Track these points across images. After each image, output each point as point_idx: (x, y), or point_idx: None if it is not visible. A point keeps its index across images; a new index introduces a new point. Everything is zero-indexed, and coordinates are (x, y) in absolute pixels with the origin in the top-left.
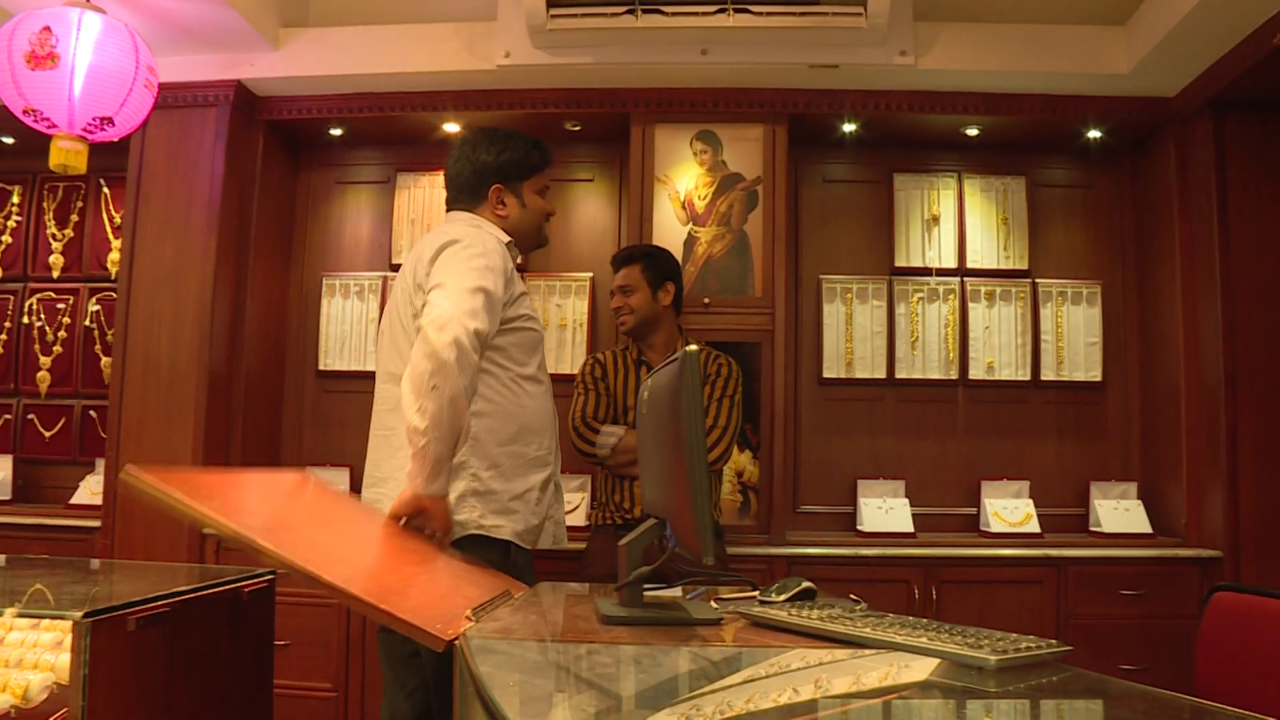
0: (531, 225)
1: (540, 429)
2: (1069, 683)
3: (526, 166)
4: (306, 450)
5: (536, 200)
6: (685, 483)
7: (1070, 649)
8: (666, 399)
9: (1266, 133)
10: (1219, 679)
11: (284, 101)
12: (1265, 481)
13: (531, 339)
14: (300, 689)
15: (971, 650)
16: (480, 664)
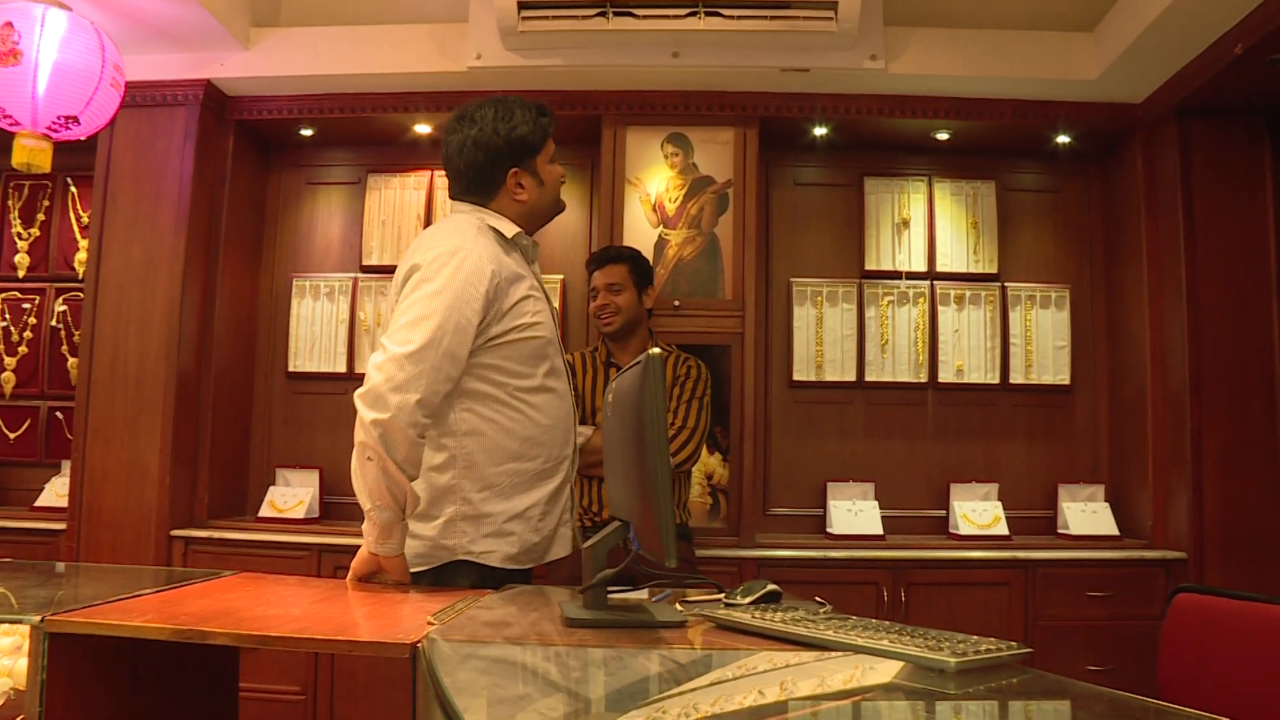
0: (550, 200)
1: (546, 440)
2: (1029, 684)
3: (541, 137)
4: (276, 452)
5: (552, 171)
6: (648, 486)
7: (1030, 651)
8: (630, 402)
9: (1230, 140)
10: (1181, 679)
11: (254, 101)
12: (1229, 484)
13: (533, 348)
14: (268, 692)
15: (932, 652)
16: (440, 667)
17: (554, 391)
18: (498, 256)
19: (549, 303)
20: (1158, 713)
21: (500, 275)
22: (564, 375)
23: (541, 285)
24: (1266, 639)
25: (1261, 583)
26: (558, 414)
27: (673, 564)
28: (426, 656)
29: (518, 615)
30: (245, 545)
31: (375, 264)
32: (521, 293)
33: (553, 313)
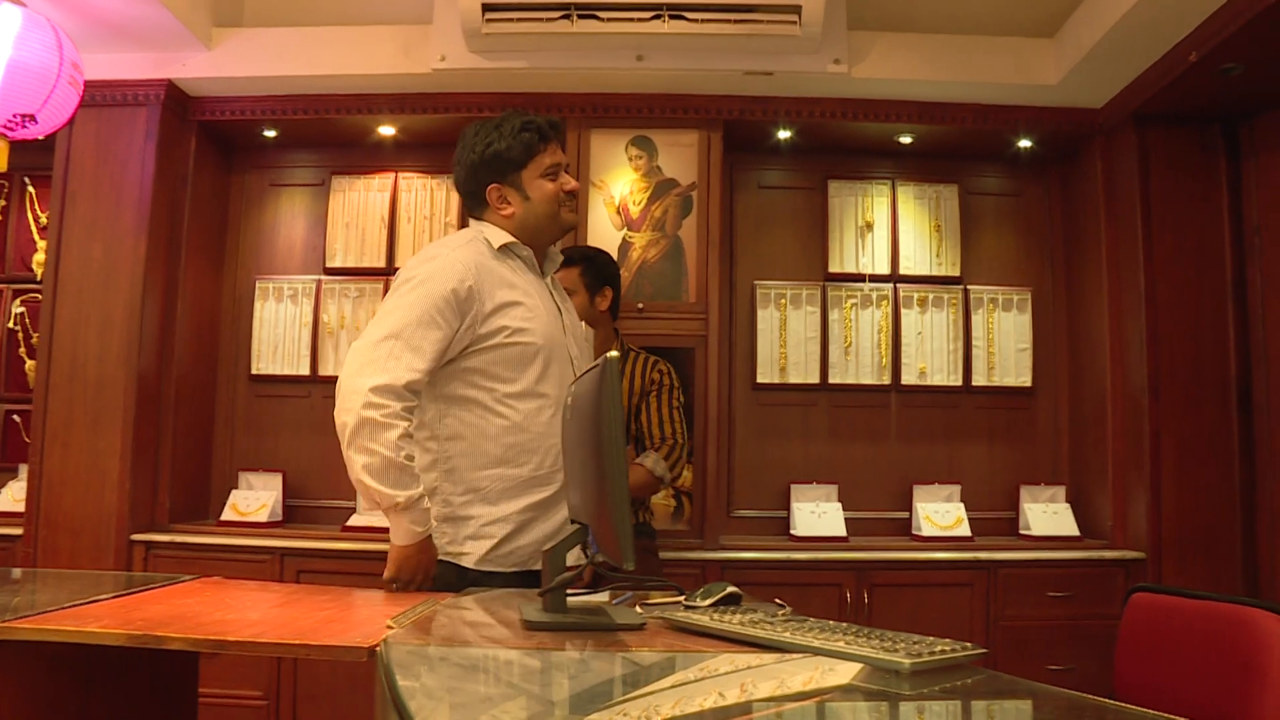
0: (543, 216)
1: (536, 447)
2: (983, 685)
3: (522, 154)
4: (239, 455)
5: (543, 187)
6: (605, 488)
7: (985, 651)
8: (587, 405)
9: (1186, 146)
10: (1137, 677)
11: (217, 102)
12: (1186, 484)
13: (517, 353)
14: (229, 697)
15: (887, 654)
16: (396, 670)
17: (543, 398)
18: (477, 263)
19: (562, 313)
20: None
21: (475, 279)
22: (565, 384)
23: (553, 294)
24: (1220, 637)
25: (1218, 581)
26: (549, 423)
27: (630, 567)
28: (384, 660)
29: (478, 619)
30: (207, 549)
31: (339, 266)
32: (505, 298)
33: (564, 322)
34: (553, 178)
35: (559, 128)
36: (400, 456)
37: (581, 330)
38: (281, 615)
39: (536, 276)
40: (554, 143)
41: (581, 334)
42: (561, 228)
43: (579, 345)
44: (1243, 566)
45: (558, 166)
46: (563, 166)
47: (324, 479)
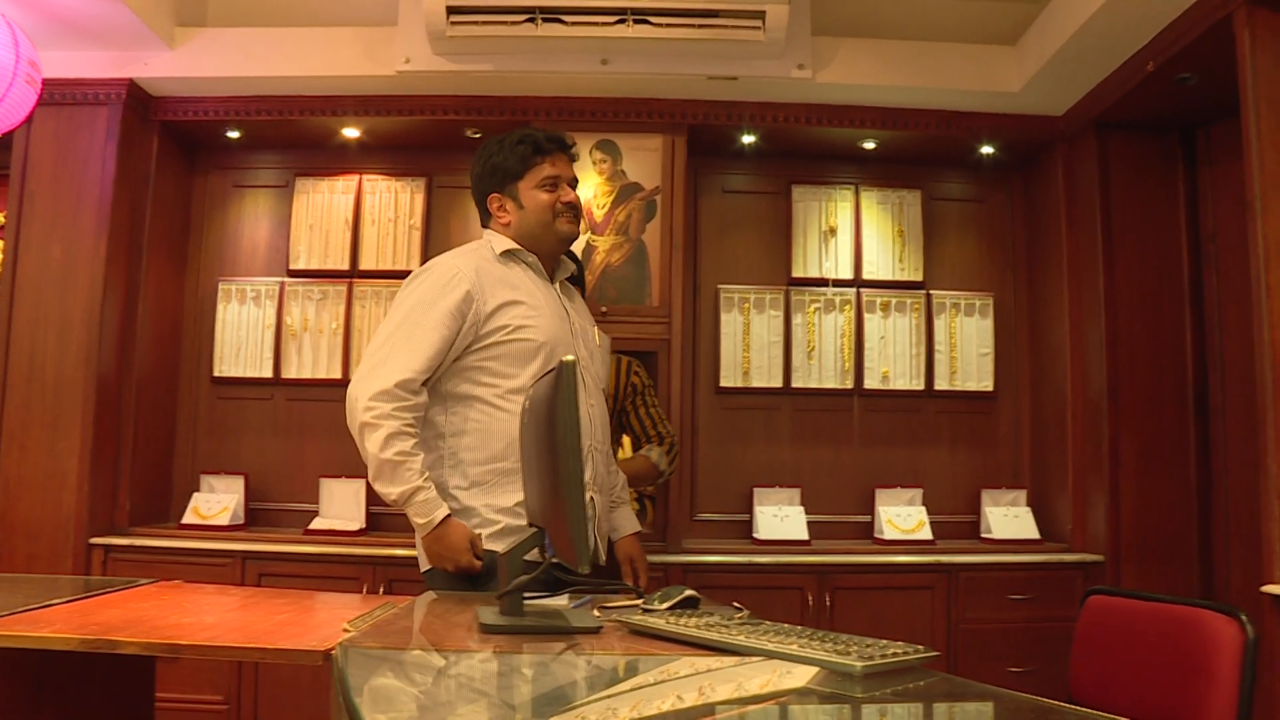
0: (536, 224)
1: None
2: (933, 687)
3: (516, 166)
4: (201, 458)
5: (536, 197)
6: (560, 491)
7: (937, 654)
8: (543, 408)
9: (1145, 153)
10: (1092, 678)
11: (179, 102)
12: (1144, 488)
13: (519, 350)
14: (188, 702)
15: (840, 657)
16: (350, 674)
17: None
18: (476, 267)
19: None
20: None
21: (474, 280)
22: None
23: (562, 300)
24: (1173, 638)
25: (1174, 583)
26: None
27: (585, 569)
28: (338, 663)
29: (435, 622)
30: (167, 553)
31: (303, 268)
32: (506, 298)
33: (573, 325)
34: (549, 189)
35: (561, 142)
36: (390, 454)
37: (595, 337)
38: (238, 619)
39: (544, 282)
40: (553, 156)
41: (595, 340)
42: (558, 237)
43: (590, 349)
44: (1199, 569)
45: (556, 179)
46: (566, 180)
47: (286, 482)
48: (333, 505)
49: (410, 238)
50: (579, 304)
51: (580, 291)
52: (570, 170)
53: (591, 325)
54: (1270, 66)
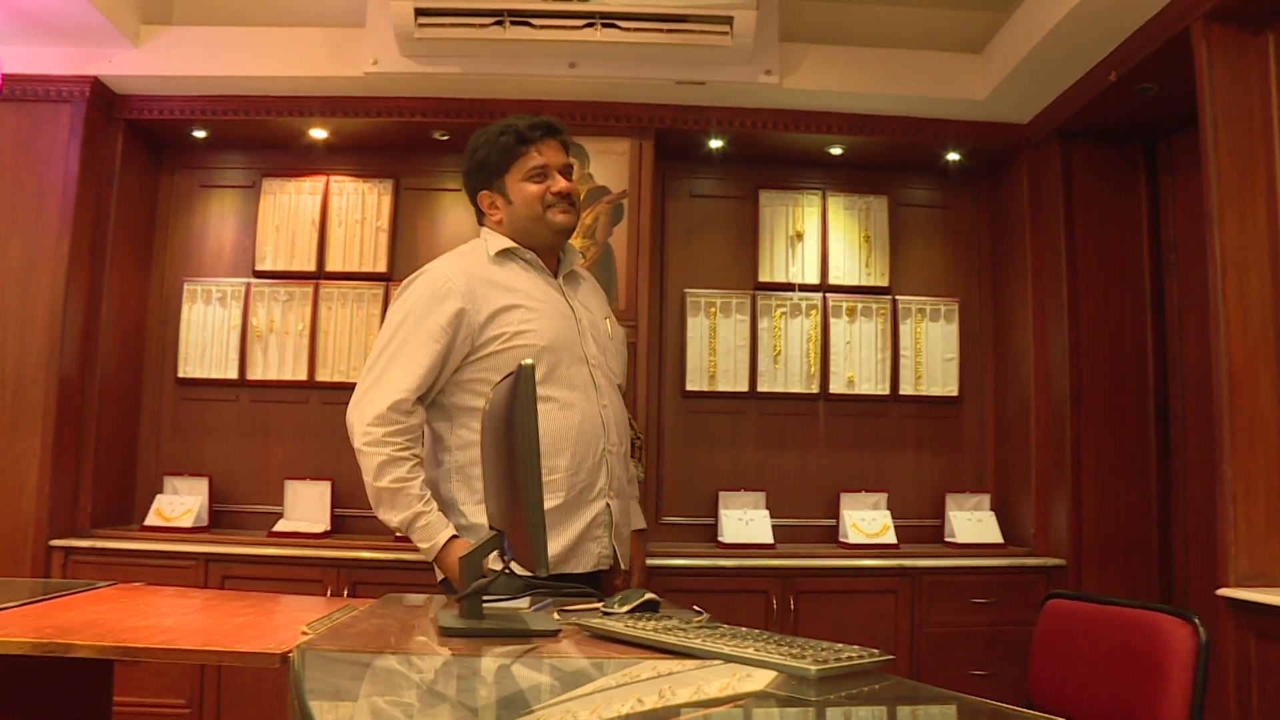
0: (528, 218)
1: (554, 450)
2: (886, 691)
3: (501, 159)
4: (164, 460)
5: (524, 189)
6: (518, 496)
7: (891, 658)
8: (502, 414)
9: (1108, 162)
10: (1050, 681)
11: (145, 101)
12: (1105, 493)
13: (518, 356)
14: (150, 705)
15: (795, 660)
16: (306, 677)
17: (556, 400)
18: (469, 273)
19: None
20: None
21: (465, 289)
22: (579, 386)
23: (565, 295)
24: (1129, 641)
25: (1135, 587)
26: (559, 424)
27: (544, 573)
28: (295, 666)
29: (394, 625)
30: (129, 555)
31: (269, 269)
32: (502, 303)
33: (580, 322)
34: (538, 179)
35: (548, 127)
36: (386, 482)
37: (607, 330)
38: (197, 622)
39: (545, 278)
40: (539, 144)
41: (607, 333)
42: (551, 229)
43: (601, 344)
44: (1159, 572)
45: (545, 168)
46: (555, 167)
47: (251, 483)
48: (297, 507)
49: (377, 240)
50: (590, 295)
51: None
52: (561, 156)
53: (604, 317)
54: (1227, 80)
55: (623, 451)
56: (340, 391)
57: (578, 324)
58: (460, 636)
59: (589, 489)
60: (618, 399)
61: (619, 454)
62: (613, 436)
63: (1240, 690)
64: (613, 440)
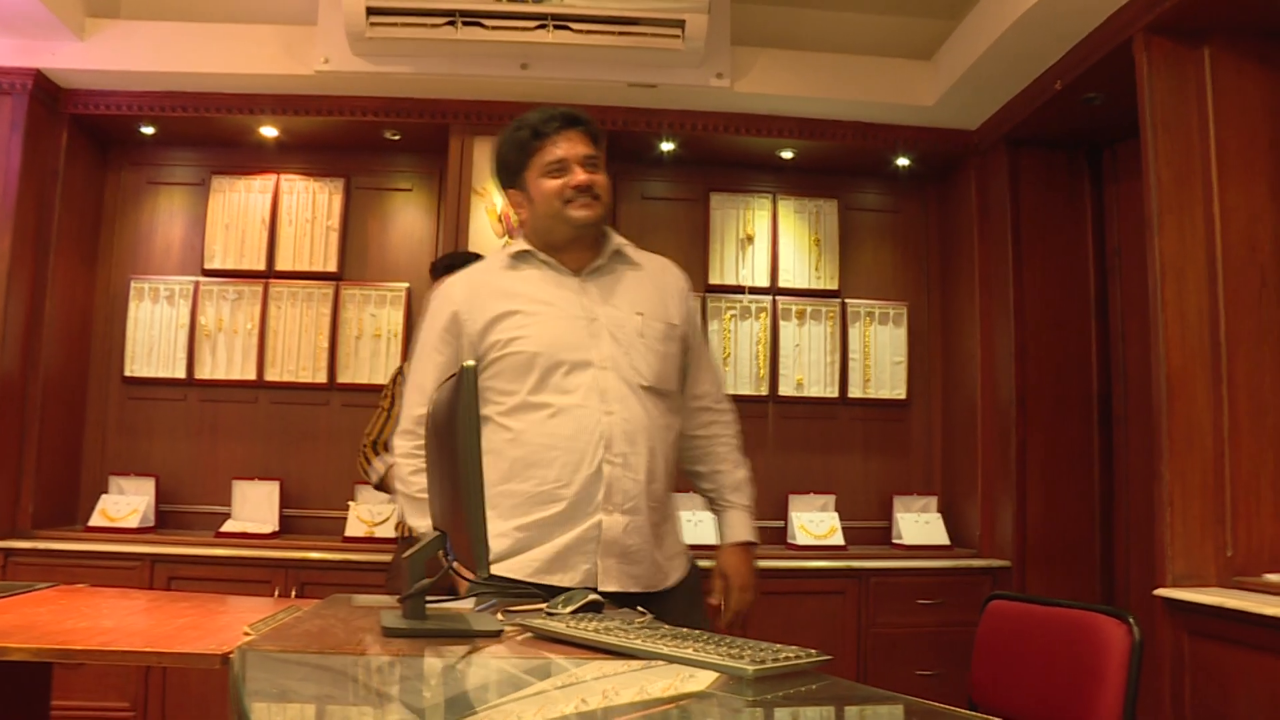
0: (545, 216)
1: (540, 460)
2: (823, 690)
3: (520, 156)
4: (110, 459)
5: (542, 186)
6: (460, 497)
7: (829, 658)
8: (445, 414)
9: (1054, 169)
10: (991, 681)
11: (91, 95)
12: (1049, 495)
13: (513, 364)
14: (93, 709)
15: (733, 661)
16: (247, 677)
17: (548, 408)
18: (473, 282)
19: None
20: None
21: (464, 299)
22: (574, 392)
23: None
24: (1067, 641)
25: (1078, 587)
26: (555, 433)
27: (484, 575)
28: (235, 667)
29: (337, 625)
30: (72, 556)
31: (218, 268)
32: (498, 310)
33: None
34: (556, 174)
35: (565, 118)
36: (413, 491)
37: (636, 327)
38: (137, 623)
39: (563, 278)
40: (556, 136)
41: (636, 331)
42: (569, 224)
43: (625, 343)
44: (1101, 573)
45: (563, 161)
46: (576, 160)
47: (199, 483)
48: (245, 507)
49: (328, 239)
50: (630, 289)
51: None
52: (582, 147)
53: (637, 312)
54: (1166, 91)
55: (639, 459)
56: (289, 391)
57: (590, 324)
58: (403, 637)
59: (583, 503)
60: (637, 404)
61: (628, 465)
62: (618, 446)
63: (1175, 686)
64: (618, 450)
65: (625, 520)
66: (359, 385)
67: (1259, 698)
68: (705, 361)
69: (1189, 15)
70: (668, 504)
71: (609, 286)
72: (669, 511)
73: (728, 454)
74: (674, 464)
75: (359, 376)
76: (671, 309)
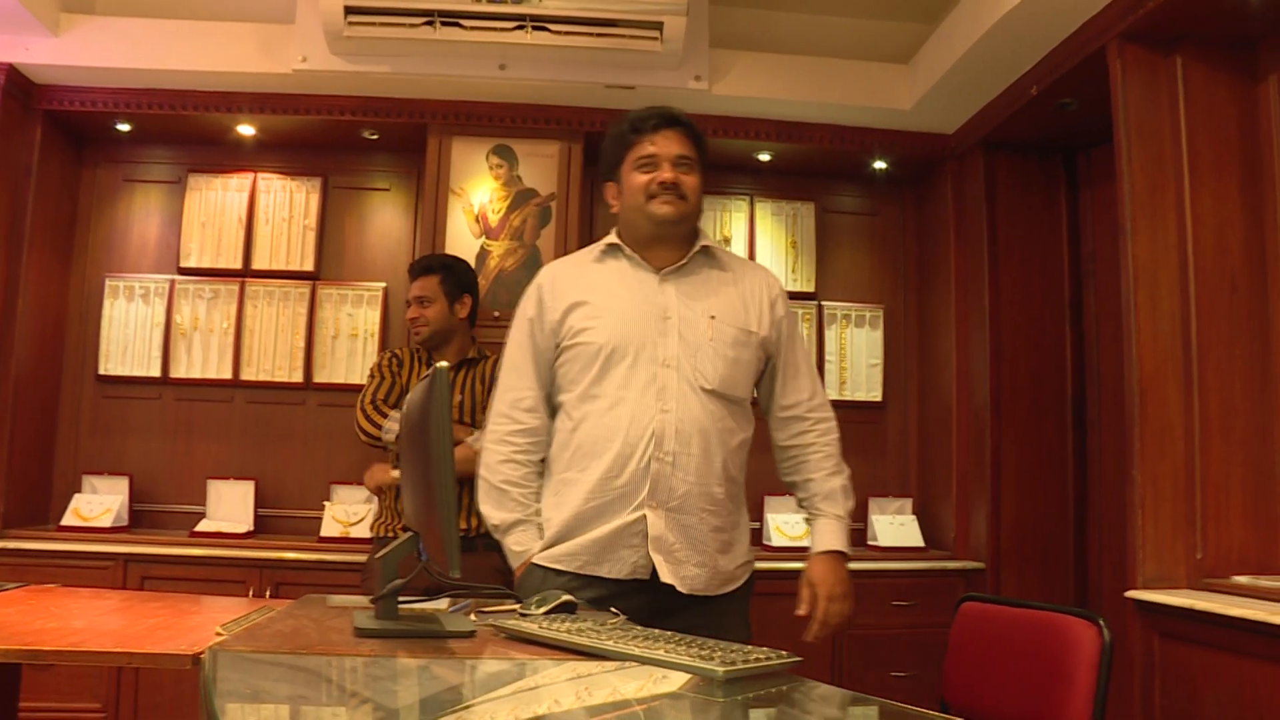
0: (631, 209)
1: (593, 450)
2: (790, 692)
3: (617, 149)
4: (83, 458)
5: (632, 179)
6: (433, 496)
7: (800, 660)
8: (417, 414)
9: (1030, 174)
10: (964, 682)
11: (66, 91)
12: (1024, 497)
13: (580, 354)
14: (64, 711)
15: (703, 662)
16: (217, 678)
17: (605, 399)
18: (559, 272)
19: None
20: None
21: (549, 287)
22: (635, 387)
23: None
24: (1038, 643)
25: (1051, 590)
26: (609, 423)
27: (456, 574)
28: (206, 667)
29: (310, 625)
30: (45, 556)
31: (194, 266)
32: (573, 299)
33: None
34: (646, 169)
35: (662, 116)
36: (496, 480)
37: (705, 330)
38: (109, 623)
39: (642, 274)
40: (653, 134)
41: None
42: (650, 220)
43: (694, 344)
44: (1074, 575)
45: (654, 158)
46: (668, 158)
47: (173, 483)
48: (220, 507)
49: (305, 238)
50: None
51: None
52: (678, 146)
53: (710, 315)
54: (1140, 98)
55: (694, 464)
56: (265, 390)
57: (661, 322)
58: (376, 637)
59: (629, 496)
60: (698, 405)
61: (678, 464)
62: (668, 445)
63: (1145, 687)
64: (668, 449)
65: (668, 517)
66: (335, 385)
67: (1225, 698)
68: (797, 370)
69: (1161, 24)
70: (733, 511)
71: (689, 286)
72: (737, 519)
73: (820, 462)
74: (740, 471)
75: (335, 376)
76: (752, 315)
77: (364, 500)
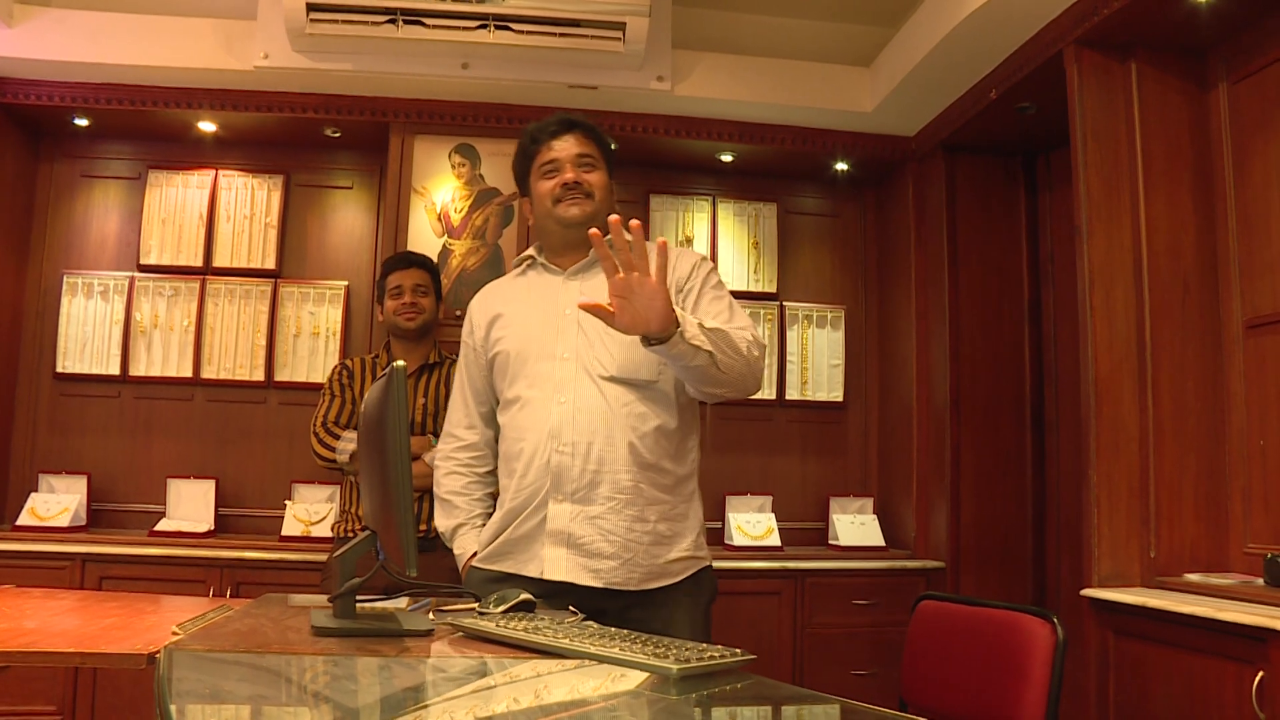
0: (543, 215)
1: (514, 453)
2: (745, 690)
3: (523, 162)
4: (40, 457)
5: (540, 187)
6: (390, 496)
7: (754, 658)
8: (375, 413)
9: (989, 176)
10: (922, 680)
11: (20, 84)
12: (983, 497)
13: (500, 363)
14: (17, 714)
15: (658, 660)
16: (171, 677)
17: (518, 402)
18: (492, 287)
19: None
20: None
21: (481, 304)
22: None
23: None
24: (995, 641)
25: (1010, 588)
26: (523, 425)
27: (413, 573)
28: (161, 667)
29: (267, 624)
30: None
31: (154, 263)
32: (492, 313)
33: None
34: (550, 174)
35: (561, 122)
36: (442, 492)
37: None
38: (63, 623)
39: (554, 277)
40: (550, 139)
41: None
42: (560, 223)
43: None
44: (1033, 574)
45: (556, 161)
46: (568, 159)
47: (132, 482)
48: (180, 506)
49: (266, 236)
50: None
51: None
52: (576, 146)
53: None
54: (1095, 103)
55: (595, 453)
56: (226, 389)
57: (559, 320)
58: (333, 636)
59: (537, 492)
60: (596, 394)
61: (577, 454)
62: (566, 435)
63: (1100, 684)
64: (566, 440)
65: (574, 509)
66: (297, 384)
67: (1176, 692)
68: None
69: (1116, 30)
70: (664, 502)
71: (593, 281)
72: (672, 511)
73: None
74: (665, 458)
75: (297, 375)
76: None
77: (325, 499)
